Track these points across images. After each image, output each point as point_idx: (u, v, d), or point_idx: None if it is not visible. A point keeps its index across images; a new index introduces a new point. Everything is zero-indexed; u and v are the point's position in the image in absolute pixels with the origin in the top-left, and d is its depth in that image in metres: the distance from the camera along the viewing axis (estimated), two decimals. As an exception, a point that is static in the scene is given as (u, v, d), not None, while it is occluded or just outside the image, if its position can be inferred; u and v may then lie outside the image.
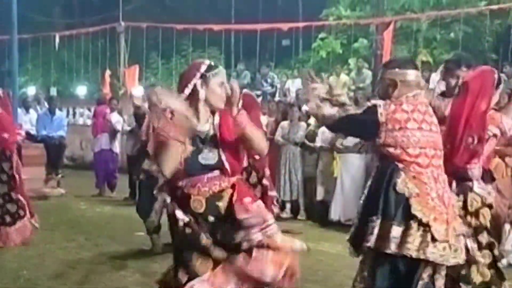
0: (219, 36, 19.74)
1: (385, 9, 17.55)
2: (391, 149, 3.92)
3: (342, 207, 9.94)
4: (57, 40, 21.79)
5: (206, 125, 3.80)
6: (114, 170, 12.88)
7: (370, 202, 4.02)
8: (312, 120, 11.40)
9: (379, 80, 4.20)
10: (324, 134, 10.26)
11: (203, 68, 3.79)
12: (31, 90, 21.49)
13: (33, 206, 8.49)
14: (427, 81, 13.90)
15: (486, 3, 16.96)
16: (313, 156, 10.57)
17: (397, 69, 4.06)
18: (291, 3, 22.21)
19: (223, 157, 3.76)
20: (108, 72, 19.96)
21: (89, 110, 18.61)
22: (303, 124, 10.83)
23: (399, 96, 3.98)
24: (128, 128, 12.38)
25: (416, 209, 3.82)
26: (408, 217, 3.84)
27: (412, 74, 4.03)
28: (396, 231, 3.85)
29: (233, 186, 3.81)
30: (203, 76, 3.77)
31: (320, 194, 10.35)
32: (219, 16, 21.28)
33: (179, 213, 3.74)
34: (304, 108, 11.92)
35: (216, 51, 21.42)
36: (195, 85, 3.75)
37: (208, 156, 3.76)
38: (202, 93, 3.76)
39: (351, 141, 9.82)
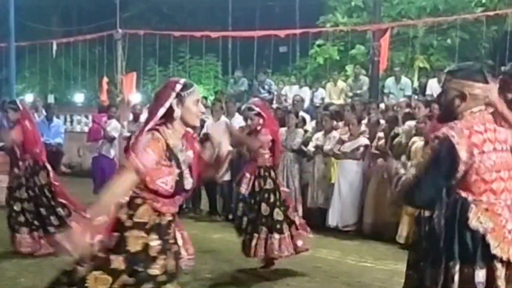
0: (216, 43, 19.77)
1: (382, 16, 17.57)
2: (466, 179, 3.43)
3: (339, 213, 9.95)
4: (54, 47, 21.79)
5: (180, 144, 3.86)
6: (111, 176, 12.83)
7: (439, 242, 3.46)
8: (309, 127, 11.42)
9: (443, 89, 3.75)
10: (318, 140, 10.30)
11: (178, 87, 3.82)
12: (28, 98, 21.44)
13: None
14: (424, 87, 13.95)
15: (482, 9, 17.01)
16: (311, 162, 10.58)
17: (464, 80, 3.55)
18: (288, 10, 22.25)
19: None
20: (105, 79, 19.96)
21: (87, 117, 18.63)
22: (300, 130, 10.84)
23: (464, 110, 3.51)
24: (128, 135, 12.38)
25: (494, 247, 3.35)
26: (488, 257, 3.37)
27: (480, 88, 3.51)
28: (480, 275, 3.38)
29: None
30: (178, 95, 3.81)
31: (318, 200, 10.36)
32: (217, 23, 21.33)
33: None
34: (302, 115, 11.95)
35: (213, 58, 21.46)
36: (171, 104, 3.79)
37: (189, 181, 3.86)
38: (177, 112, 3.80)
39: (348, 146, 9.85)
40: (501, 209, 3.40)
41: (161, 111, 3.79)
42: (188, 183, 3.84)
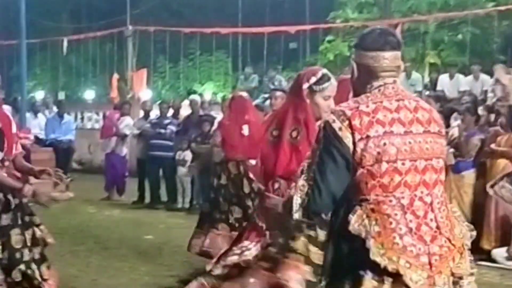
0: (226, 39, 19.78)
1: (392, 11, 17.53)
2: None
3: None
4: (65, 44, 21.84)
5: None
6: (122, 173, 12.90)
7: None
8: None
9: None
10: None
11: (312, 80, 3.91)
12: (39, 95, 21.58)
13: (40, 209, 8.49)
14: (435, 83, 13.89)
15: (493, 4, 16.92)
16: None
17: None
18: (298, 6, 22.20)
19: None
20: (116, 76, 19.99)
21: (97, 114, 18.67)
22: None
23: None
24: (137, 132, 12.41)
25: (376, 254, 2.58)
26: (366, 267, 2.61)
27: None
28: None
29: None
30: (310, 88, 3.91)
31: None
32: (227, 20, 21.30)
33: None
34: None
35: (224, 55, 21.48)
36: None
37: None
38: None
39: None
40: (390, 208, 2.62)
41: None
42: None
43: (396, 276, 2.58)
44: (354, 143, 2.62)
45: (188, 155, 11.50)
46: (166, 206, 11.82)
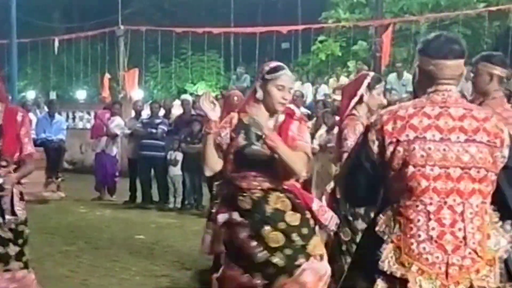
0: (218, 39, 19.76)
1: (384, 12, 17.54)
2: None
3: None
4: (56, 44, 21.77)
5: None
6: (113, 173, 12.88)
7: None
8: (309, 123, 11.39)
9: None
10: (321, 137, 10.26)
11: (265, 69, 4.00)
12: (30, 94, 21.50)
13: (33, 209, 8.47)
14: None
15: (485, 5, 16.98)
16: (314, 159, 10.53)
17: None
18: (290, 6, 22.21)
19: None
20: (107, 76, 19.95)
21: (89, 114, 18.62)
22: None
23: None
24: (128, 132, 12.39)
25: (386, 258, 2.67)
26: (381, 271, 2.70)
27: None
28: None
29: None
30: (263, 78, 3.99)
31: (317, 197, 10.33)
32: (219, 20, 21.30)
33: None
34: (303, 111, 11.93)
35: (216, 54, 21.45)
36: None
37: None
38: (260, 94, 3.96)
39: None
40: (415, 213, 2.67)
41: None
42: None
43: (406, 283, 2.62)
44: (384, 147, 2.71)
45: (179, 155, 11.49)
46: (158, 206, 11.80)
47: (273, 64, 3.99)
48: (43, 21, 23.94)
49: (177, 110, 13.62)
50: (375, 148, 2.74)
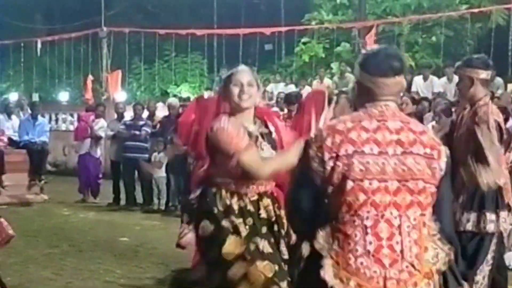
0: (201, 41, 19.75)
1: (367, 13, 17.63)
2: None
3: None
4: (39, 45, 21.67)
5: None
6: (96, 175, 12.84)
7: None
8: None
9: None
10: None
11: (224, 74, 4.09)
12: (13, 96, 21.34)
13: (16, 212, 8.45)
14: (409, 85, 14.00)
15: (467, 6, 17.10)
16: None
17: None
18: (273, 7, 22.24)
19: None
20: (90, 78, 19.90)
21: (72, 115, 18.56)
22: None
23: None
24: (111, 133, 12.36)
25: (327, 273, 2.65)
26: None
27: None
28: None
29: None
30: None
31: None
32: (202, 21, 21.28)
33: None
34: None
35: (199, 56, 21.44)
36: None
37: None
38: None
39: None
40: (352, 228, 2.64)
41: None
42: None
43: None
44: (323, 162, 2.67)
45: (163, 157, 11.47)
46: (142, 208, 11.78)
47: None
48: (25, 22, 23.81)
49: (160, 112, 13.59)
50: (315, 164, 2.69)
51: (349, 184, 2.63)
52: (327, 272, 2.62)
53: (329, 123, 2.81)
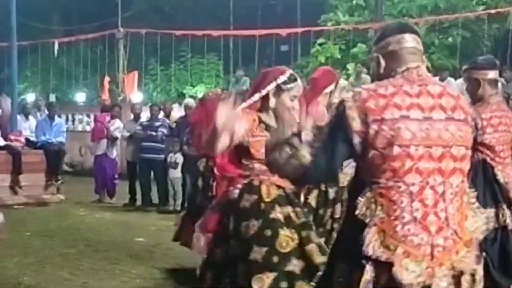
0: (217, 42, 19.78)
1: (383, 14, 17.57)
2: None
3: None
4: (56, 46, 21.80)
5: None
6: (112, 176, 12.89)
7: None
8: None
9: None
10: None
11: (280, 79, 3.89)
12: (30, 97, 21.49)
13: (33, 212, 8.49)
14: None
15: (484, 7, 16.99)
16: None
17: None
18: (290, 8, 22.22)
19: None
20: (107, 79, 19.97)
21: (88, 116, 18.64)
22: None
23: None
24: (127, 134, 12.40)
25: (370, 241, 2.58)
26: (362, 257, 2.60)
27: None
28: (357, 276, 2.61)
29: None
30: (278, 87, 3.88)
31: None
32: (218, 22, 21.30)
33: None
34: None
35: (215, 57, 21.45)
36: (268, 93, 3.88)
37: None
38: (272, 102, 3.89)
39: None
40: (398, 194, 2.59)
41: (256, 96, 3.87)
42: None
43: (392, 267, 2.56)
44: (367, 124, 2.61)
45: (179, 158, 11.50)
46: (157, 209, 11.80)
47: (287, 73, 3.94)
48: (43, 23, 23.93)
49: (176, 112, 13.62)
50: (355, 125, 2.62)
51: (396, 149, 2.58)
52: (372, 241, 2.57)
53: (366, 86, 2.72)
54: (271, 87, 3.85)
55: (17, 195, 12.16)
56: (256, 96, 3.85)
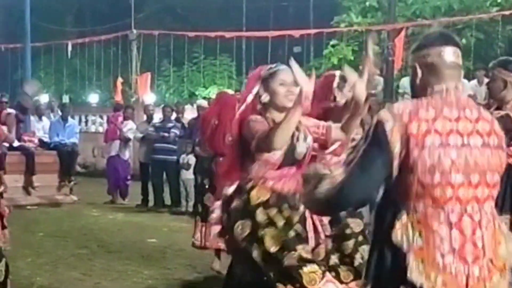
0: (230, 43, 19.79)
1: (396, 16, 17.50)
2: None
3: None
4: (69, 48, 21.89)
5: None
6: (125, 177, 12.92)
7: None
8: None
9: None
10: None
11: (262, 74, 4.06)
12: (43, 98, 21.55)
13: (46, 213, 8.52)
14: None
15: (498, 9, 16.89)
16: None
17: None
18: (302, 10, 22.21)
19: None
20: (120, 80, 20.03)
21: (101, 117, 18.71)
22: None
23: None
24: (140, 135, 12.42)
25: (413, 269, 2.52)
26: (402, 282, 2.55)
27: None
28: None
29: None
30: (263, 81, 3.97)
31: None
32: (231, 24, 21.32)
33: None
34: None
35: (228, 58, 21.47)
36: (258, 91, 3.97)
37: None
38: (265, 97, 3.99)
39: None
40: (437, 223, 2.53)
41: (249, 98, 3.90)
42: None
43: None
44: (407, 149, 2.53)
45: (192, 159, 11.50)
46: (170, 210, 11.82)
47: (269, 66, 4.01)
48: (56, 25, 24.05)
49: (189, 114, 13.64)
50: (397, 147, 2.53)
51: (437, 177, 2.51)
52: (414, 270, 2.50)
53: (404, 104, 2.62)
54: (258, 83, 3.91)
55: (30, 196, 12.21)
56: (250, 98, 3.90)
